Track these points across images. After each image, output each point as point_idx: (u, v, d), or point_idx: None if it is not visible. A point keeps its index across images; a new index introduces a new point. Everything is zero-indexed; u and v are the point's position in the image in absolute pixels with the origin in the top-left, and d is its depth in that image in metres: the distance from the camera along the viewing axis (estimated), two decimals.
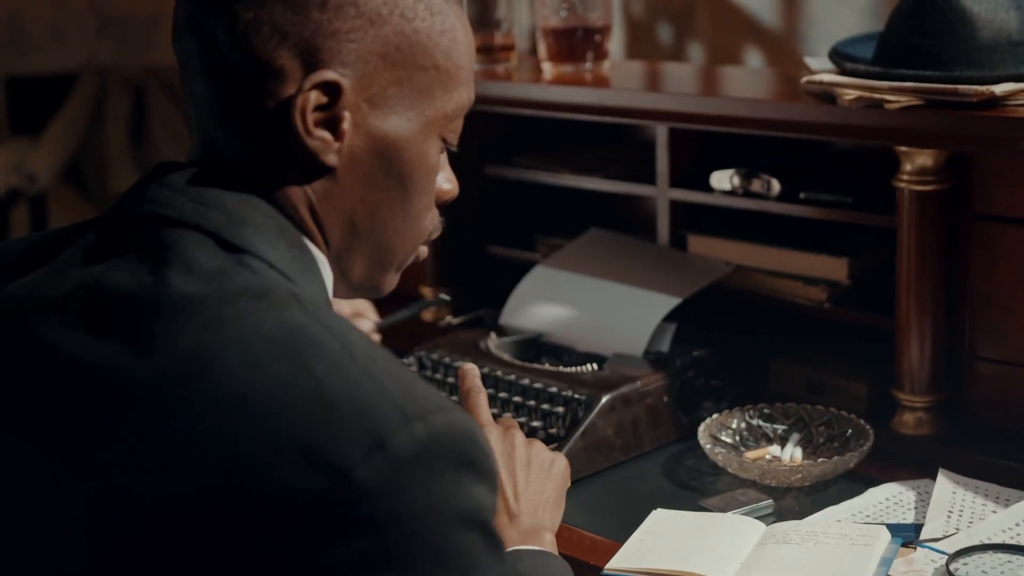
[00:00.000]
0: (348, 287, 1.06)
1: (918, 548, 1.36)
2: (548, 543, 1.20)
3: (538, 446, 1.28)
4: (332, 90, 0.96)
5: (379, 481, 0.82)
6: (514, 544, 1.18)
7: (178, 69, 1.01)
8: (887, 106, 1.50)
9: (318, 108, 0.96)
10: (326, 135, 0.97)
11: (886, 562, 1.33)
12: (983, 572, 1.28)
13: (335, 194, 0.99)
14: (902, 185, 1.55)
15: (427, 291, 2.08)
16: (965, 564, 1.30)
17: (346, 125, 0.97)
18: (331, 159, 0.97)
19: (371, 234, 1.03)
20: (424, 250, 1.09)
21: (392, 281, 1.09)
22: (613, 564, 1.35)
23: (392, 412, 0.84)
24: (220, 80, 0.97)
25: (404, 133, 1.00)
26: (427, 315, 2.08)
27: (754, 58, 3.18)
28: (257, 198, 0.97)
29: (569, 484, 1.30)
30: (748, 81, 2.06)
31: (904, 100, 1.49)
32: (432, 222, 1.08)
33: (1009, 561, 1.30)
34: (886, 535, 1.36)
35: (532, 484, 1.24)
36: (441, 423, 0.85)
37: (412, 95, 0.99)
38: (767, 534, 1.39)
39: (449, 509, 0.86)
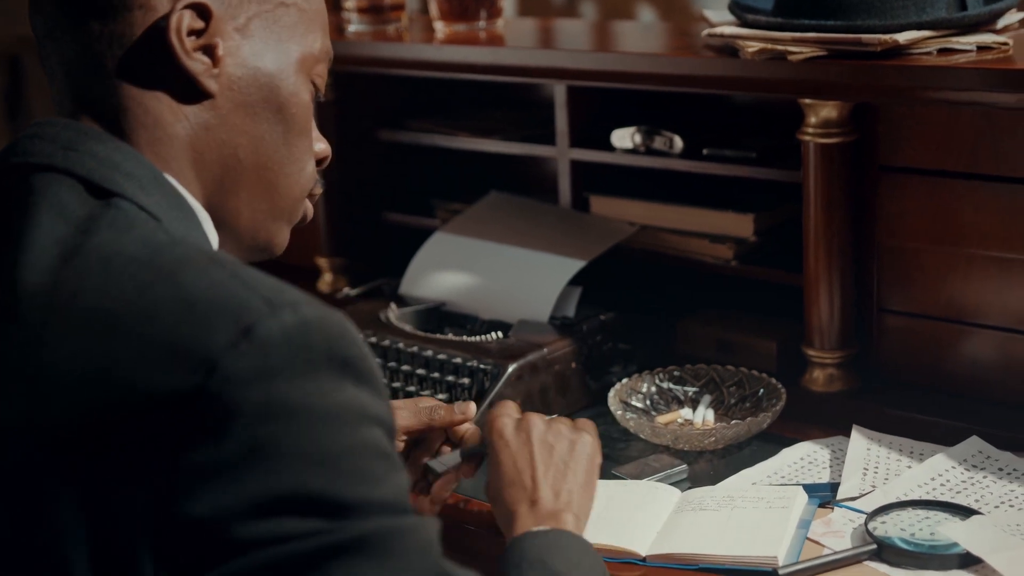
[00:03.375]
0: (237, 241, 1.05)
1: (836, 508, 1.34)
2: (569, 524, 1.16)
3: (559, 426, 1.27)
4: (203, 14, 0.98)
5: (247, 368, 0.80)
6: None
7: (37, 43, 1.02)
8: (790, 58, 1.46)
9: (193, 33, 0.98)
10: (204, 59, 0.99)
11: (804, 524, 1.30)
12: (902, 529, 1.27)
13: (215, 126, 1.00)
14: (807, 138, 1.52)
15: (323, 261, 2.02)
16: (883, 523, 1.28)
17: (221, 51, 0.99)
18: (211, 85, 0.99)
19: (256, 171, 1.03)
20: (311, 209, 1.10)
21: (284, 236, 1.09)
22: None
23: (258, 302, 0.83)
24: (88, 28, 0.98)
25: (278, 65, 1.03)
26: (323, 286, 2.02)
27: (646, 13, 3.15)
28: (129, 147, 0.97)
29: (599, 460, 1.28)
30: (644, 36, 2.02)
31: (807, 51, 1.46)
32: (314, 174, 1.10)
33: (927, 517, 1.29)
34: (803, 497, 1.34)
35: (554, 467, 1.22)
36: (311, 313, 0.84)
37: (279, 30, 1.03)
38: (683, 501, 1.36)
39: (325, 404, 0.82)
